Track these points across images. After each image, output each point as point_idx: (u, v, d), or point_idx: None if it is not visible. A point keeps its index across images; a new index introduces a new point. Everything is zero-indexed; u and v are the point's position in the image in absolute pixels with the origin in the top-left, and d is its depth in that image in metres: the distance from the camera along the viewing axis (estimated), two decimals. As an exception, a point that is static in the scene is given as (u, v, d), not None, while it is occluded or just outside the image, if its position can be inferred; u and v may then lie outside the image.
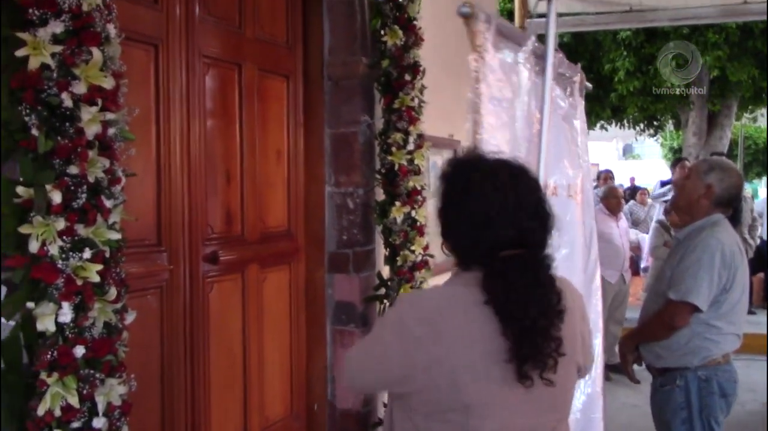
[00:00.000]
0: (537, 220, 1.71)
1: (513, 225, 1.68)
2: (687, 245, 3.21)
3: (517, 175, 1.75)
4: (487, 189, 1.70)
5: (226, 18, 3.67)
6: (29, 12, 1.98)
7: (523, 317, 1.62)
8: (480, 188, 1.71)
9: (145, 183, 3.11)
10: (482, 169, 1.77)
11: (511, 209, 1.68)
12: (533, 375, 1.63)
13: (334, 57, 4.23)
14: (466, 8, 2.96)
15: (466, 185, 1.75)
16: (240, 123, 3.75)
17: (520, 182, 1.73)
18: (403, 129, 4.12)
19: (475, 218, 1.70)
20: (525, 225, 1.68)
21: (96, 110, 2.08)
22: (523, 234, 1.68)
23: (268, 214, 3.98)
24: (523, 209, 1.69)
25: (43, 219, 1.99)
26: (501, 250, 1.68)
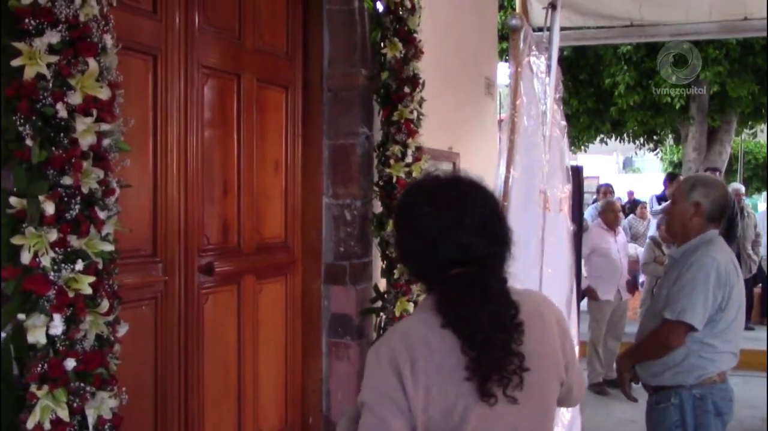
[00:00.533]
0: (484, 235, 1.67)
1: (455, 243, 1.65)
2: (683, 264, 3.20)
3: (462, 192, 1.72)
4: (426, 209, 1.69)
5: (226, 28, 3.67)
6: (26, 22, 1.97)
7: (476, 331, 1.60)
8: (420, 209, 1.70)
9: (142, 193, 3.09)
10: (425, 190, 1.75)
11: (452, 227, 1.66)
12: (497, 393, 1.61)
13: (333, 68, 4.22)
14: (516, 21, 2.99)
15: (409, 208, 1.75)
16: (238, 134, 3.74)
17: (463, 199, 1.69)
18: (402, 141, 4.12)
19: (418, 239, 1.69)
20: (468, 241, 1.65)
21: (91, 120, 2.07)
22: (468, 251, 1.65)
23: (264, 225, 3.96)
24: (465, 226, 1.66)
25: (36, 230, 1.98)
26: (450, 269, 1.66)
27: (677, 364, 3.16)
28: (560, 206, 3.38)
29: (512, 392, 1.61)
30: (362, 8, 4.17)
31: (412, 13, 4.20)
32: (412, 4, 4.19)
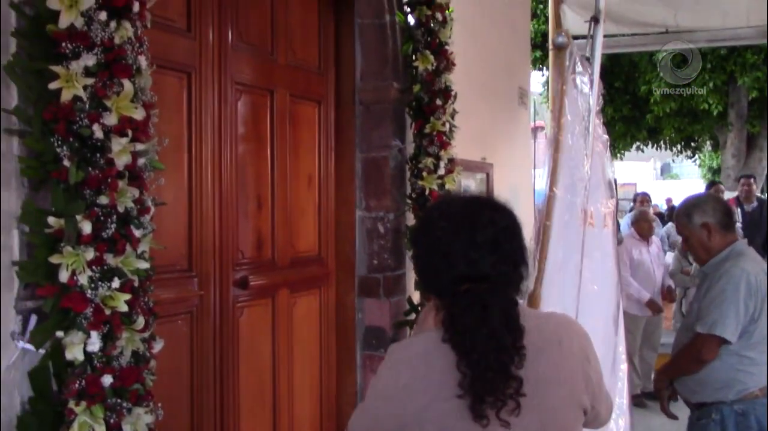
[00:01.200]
0: (494, 252, 1.68)
1: (465, 258, 1.67)
2: (712, 277, 3.16)
3: (478, 209, 1.74)
4: (441, 224, 1.72)
5: (259, 45, 3.71)
6: (62, 45, 2.02)
7: (471, 350, 1.59)
8: (436, 223, 1.73)
9: (177, 209, 3.14)
10: (443, 207, 1.80)
11: (463, 241, 1.67)
12: (489, 415, 1.59)
13: (365, 82, 4.25)
14: (563, 38, 3.00)
15: (426, 223, 1.79)
16: (271, 148, 3.78)
17: (477, 216, 1.71)
18: (434, 154, 4.12)
19: (432, 253, 1.72)
20: (477, 257, 1.66)
21: (126, 140, 2.11)
22: (477, 266, 1.66)
23: (298, 238, 3.99)
24: (476, 241, 1.67)
25: (73, 249, 2.01)
26: (460, 284, 1.67)
27: (716, 379, 3.11)
28: (605, 221, 3.34)
29: (507, 416, 1.59)
30: (394, 22, 4.19)
31: (444, 26, 4.20)
32: (444, 17, 4.20)
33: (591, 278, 3.14)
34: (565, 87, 3.05)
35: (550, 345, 1.69)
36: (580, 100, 3.25)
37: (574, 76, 3.17)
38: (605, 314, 3.29)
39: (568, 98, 3.09)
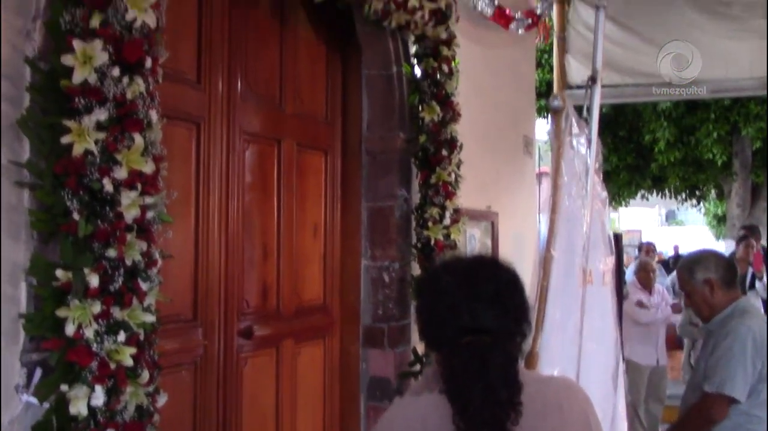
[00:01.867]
0: (496, 306, 1.70)
1: (467, 310, 1.69)
2: (718, 335, 3.14)
3: (481, 266, 1.80)
4: (445, 279, 1.76)
5: (267, 95, 3.76)
6: (76, 100, 2.05)
7: (467, 403, 1.60)
8: (439, 278, 1.78)
9: (183, 259, 3.14)
10: (446, 264, 1.87)
11: (466, 295, 1.70)
12: None
13: (372, 132, 4.28)
14: (558, 102, 3.04)
15: (430, 279, 1.87)
16: (278, 198, 3.80)
17: (480, 271, 1.76)
18: (440, 204, 4.13)
19: (435, 307, 1.75)
20: (479, 309, 1.69)
21: (136, 194, 2.13)
22: (479, 319, 1.68)
23: (303, 288, 3.98)
24: (478, 294, 1.70)
25: (80, 302, 2.02)
26: (461, 337, 1.68)
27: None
28: (603, 279, 3.35)
29: None
30: (400, 73, 4.23)
31: (450, 78, 4.25)
32: (450, 69, 4.25)
33: (589, 336, 3.13)
34: (561, 149, 3.08)
35: (551, 409, 1.69)
36: (577, 161, 3.28)
37: (570, 138, 3.21)
38: (604, 371, 3.28)
39: (565, 160, 3.12)
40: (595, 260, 3.26)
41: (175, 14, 3.01)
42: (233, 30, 3.47)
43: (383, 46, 4.16)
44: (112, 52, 2.09)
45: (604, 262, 3.39)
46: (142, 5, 2.15)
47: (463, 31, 4.64)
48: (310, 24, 4.08)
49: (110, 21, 2.09)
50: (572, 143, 3.23)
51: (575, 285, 3.12)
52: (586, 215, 3.20)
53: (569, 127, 3.17)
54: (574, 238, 3.18)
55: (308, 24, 4.06)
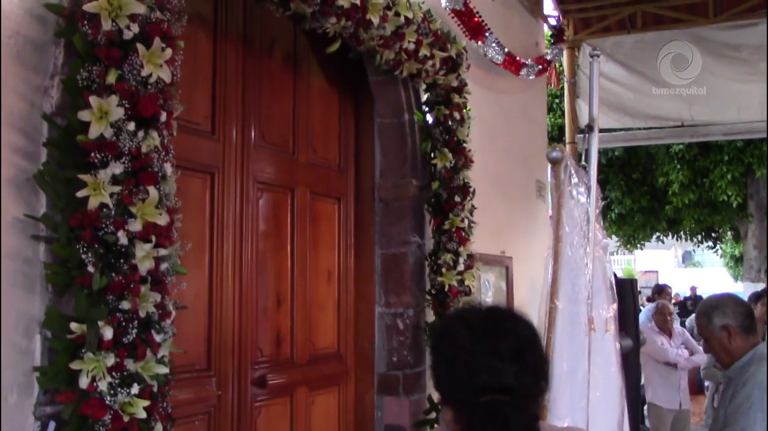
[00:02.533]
0: (517, 363, 1.65)
1: (487, 368, 1.63)
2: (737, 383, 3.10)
3: (499, 319, 1.73)
4: (462, 334, 1.69)
5: (281, 144, 3.80)
6: (92, 155, 2.08)
7: None
8: (457, 333, 1.71)
9: (197, 308, 3.15)
10: (463, 316, 1.79)
11: (486, 352, 1.64)
12: None
13: (385, 179, 4.31)
14: (557, 153, 3.05)
15: (446, 333, 1.76)
16: (292, 245, 3.81)
17: (499, 326, 1.70)
18: (453, 250, 4.13)
19: (452, 363, 1.69)
20: (500, 368, 1.63)
21: (150, 246, 2.14)
22: (500, 377, 1.63)
23: (317, 335, 3.97)
24: (499, 351, 1.64)
25: (94, 355, 2.02)
26: (481, 395, 1.63)
27: None
28: (606, 326, 3.32)
29: None
30: (412, 120, 4.28)
31: (462, 124, 4.29)
32: (462, 116, 4.29)
33: (594, 385, 3.09)
34: (561, 200, 3.09)
35: None
36: (577, 210, 3.28)
37: (570, 188, 3.21)
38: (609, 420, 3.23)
39: (565, 210, 3.12)
40: (597, 307, 3.23)
41: (190, 67, 3.07)
42: (247, 80, 3.53)
43: (395, 94, 4.21)
44: (127, 107, 2.12)
45: (607, 309, 3.36)
46: (157, 61, 2.20)
47: (474, 77, 4.70)
48: (323, 74, 4.14)
49: (126, 77, 2.13)
50: (572, 193, 3.24)
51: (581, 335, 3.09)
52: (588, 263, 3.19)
53: (568, 177, 3.18)
54: (578, 287, 3.16)
55: (321, 74, 4.12)
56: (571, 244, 3.14)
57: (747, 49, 7.36)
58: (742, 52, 7.43)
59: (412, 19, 3.78)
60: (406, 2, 3.72)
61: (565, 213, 3.11)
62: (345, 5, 3.26)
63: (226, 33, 3.42)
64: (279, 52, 3.82)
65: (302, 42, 3.96)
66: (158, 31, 2.21)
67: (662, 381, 6.70)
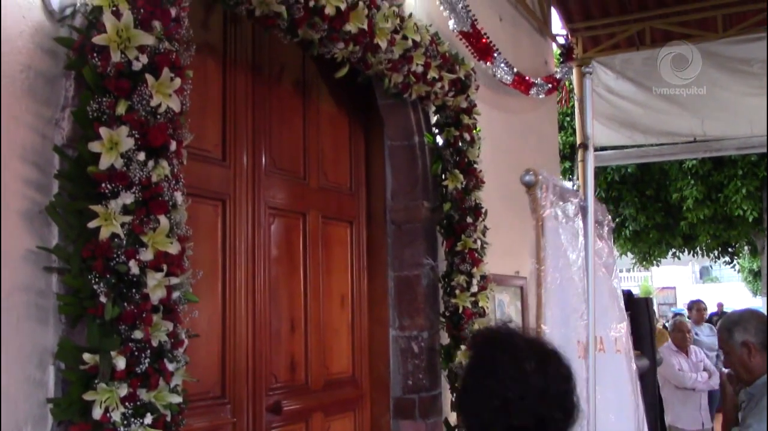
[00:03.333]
0: (562, 411, 1.57)
1: (533, 414, 1.55)
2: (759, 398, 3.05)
3: (547, 360, 1.63)
4: (511, 372, 1.58)
5: (292, 169, 3.81)
6: (102, 186, 2.09)
7: None
8: (504, 369, 1.59)
9: (210, 335, 3.15)
10: (510, 349, 1.63)
11: (534, 396, 1.55)
12: None
13: (396, 201, 4.31)
14: (530, 177, 3.02)
15: (490, 364, 1.63)
16: (304, 270, 3.81)
17: (549, 368, 1.60)
18: (467, 271, 4.12)
19: (493, 400, 1.57)
20: (546, 415, 1.55)
21: (161, 275, 2.15)
22: (545, 424, 1.55)
23: (332, 360, 3.96)
24: (548, 397, 1.56)
25: (107, 386, 2.02)
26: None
27: None
28: (616, 346, 3.26)
29: None
30: (423, 142, 4.28)
31: (472, 145, 4.29)
32: (472, 137, 4.29)
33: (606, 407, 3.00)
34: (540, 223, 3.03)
35: None
36: (563, 230, 3.19)
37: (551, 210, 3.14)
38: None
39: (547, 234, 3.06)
40: (605, 327, 3.16)
41: (200, 95, 3.10)
42: (257, 107, 3.55)
43: (404, 117, 4.22)
44: (137, 137, 2.14)
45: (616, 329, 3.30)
46: (167, 91, 2.21)
47: (483, 98, 4.71)
48: (332, 98, 4.16)
49: (136, 107, 2.15)
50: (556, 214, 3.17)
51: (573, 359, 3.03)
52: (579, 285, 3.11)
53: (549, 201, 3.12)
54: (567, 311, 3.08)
55: (330, 98, 4.15)
56: (556, 267, 3.07)
57: (758, 63, 7.34)
58: (753, 66, 7.41)
59: (420, 41, 3.80)
60: (413, 25, 3.74)
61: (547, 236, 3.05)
62: (353, 30, 3.28)
63: (235, 61, 3.45)
64: (288, 79, 3.85)
65: (311, 68, 3.98)
66: (167, 62, 2.23)
67: (682, 403, 6.60)
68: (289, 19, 3.00)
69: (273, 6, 2.91)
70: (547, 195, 3.05)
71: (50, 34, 2.23)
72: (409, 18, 3.74)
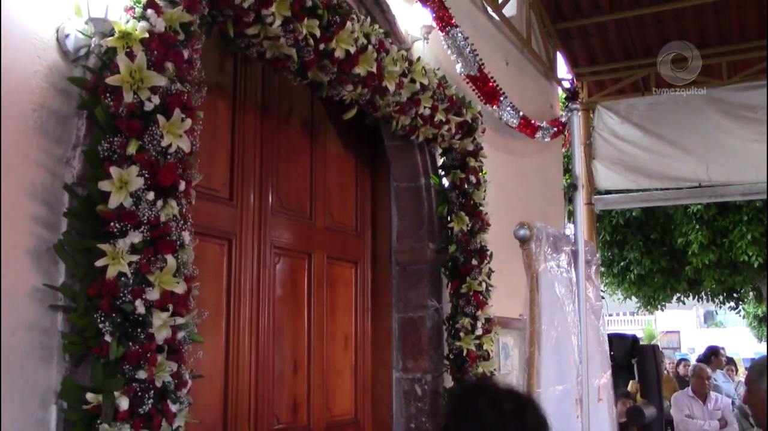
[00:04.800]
0: None
1: None
2: None
3: (525, 405, 1.70)
4: (491, 414, 1.65)
5: (298, 210, 3.82)
6: (111, 224, 2.10)
7: None
8: (484, 412, 1.66)
9: (213, 375, 3.12)
10: (490, 394, 1.72)
11: None
12: None
13: (401, 243, 4.31)
14: (524, 231, 2.95)
15: (471, 407, 1.70)
16: (309, 310, 3.80)
17: (527, 414, 1.67)
18: (471, 314, 4.10)
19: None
20: None
21: (167, 315, 2.14)
22: None
23: (334, 402, 3.92)
24: None
25: (110, 427, 2.00)
26: None
27: None
28: (599, 395, 3.18)
29: None
30: (429, 184, 4.30)
31: (478, 188, 4.30)
32: (478, 179, 4.30)
33: None
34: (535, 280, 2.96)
35: None
36: (558, 284, 3.14)
37: (545, 264, 3.08)
38: None
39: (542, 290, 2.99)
40: (591, 376, 3.10)
41: (210, 135, 3.12)
42: (265, 147, 3.58)
43: (411, 159, 4.25)
44: (147, 176, 2.15)
45: (600, 377, 3.23)
46: (177, 131, 2.24)
47: (490, 141, 4.73)
48: (340, 139, 4.19)
49: (146, 147, 2.17)
50: (550, 270, 3.11)
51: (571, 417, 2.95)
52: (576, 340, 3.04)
53: (543, 254, 3.06)
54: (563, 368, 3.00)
55: (338, 139, 4.17)
56: (552, 323, 3.01)
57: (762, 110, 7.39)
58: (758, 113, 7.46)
59: (428, 85, 3.84)
60: (421, 69, 3.78)
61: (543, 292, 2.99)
62: (362, 73, 3.31)
63: (244, 102, 3.48)
64: (297, 119, 3.88)
65: (319, 109, 4.02)
66: (178, 103, 2.26)
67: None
68: (300, 62, 3.04)
69: (284, 49, 2.95)
70: (541, 249, 3.00)
71: (64, 74, 2.26)
72: (417, 62, 3.78)
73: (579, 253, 3.21)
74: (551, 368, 2.92)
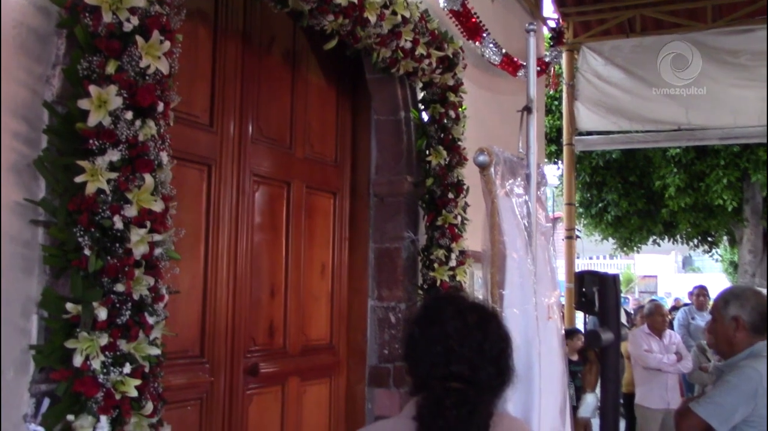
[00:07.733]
0: (495, 367, 1.76)
1: (468, 362, 1.72)
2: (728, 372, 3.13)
3: (489, 319, 1.82)
4: (454, 323, 1.77)
5: (278, 139, 3.87)
6: (90, 142, 2.15)
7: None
8: (447, 317, 1.78)
9: (192, 297, 3.22)
10: (456, 305, 1.84)
11: (472, 347, 1.74)
12: None
13: (380, 175, 4.38)
14: (483, 157, 2.99)
15: (437, 315, 1.81)
16: (287, 238, 3.89)
17: (489, 326, 1.79)
18: (446, 246, 4.20)
19: (435, 346, 1.75)
20: (480, 366, 1.73)
21: (144, 231, 2.22)
22: (478, 374, 1.73)
23: (310, 327, 4.05)
24: (485, 351, 1.75)
25: (88, 335, 2.09)
26: (449, 381, 1.72)
27: None
28: (549, 313, 3.31)
29: None
30: (408, 118, 4.34)
31: (457, 123, 4.35)
32: (457, 115, 4.35)
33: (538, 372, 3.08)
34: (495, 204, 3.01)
35: None
36: (517, 207, 3.21)
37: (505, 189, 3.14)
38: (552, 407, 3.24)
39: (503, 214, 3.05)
40: (540, 294, 3.21)
41: (190, 60, 3.15)
42: (246, 75, 3.61)
43: (391, 92, 4.28)
44: (126, 96, 2.20)
45: (548, 296, 3.35)
46: (156, 53, 2.27)
47: (471, 77, 4.77)
48: (321, 71, 4.22)
49: (125, 68, 2.21)
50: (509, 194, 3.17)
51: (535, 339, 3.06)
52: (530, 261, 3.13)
53: (502, 179, 3.11)
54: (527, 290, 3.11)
55: (319, 71, 4.20)
56: (515, 248, 3.08)
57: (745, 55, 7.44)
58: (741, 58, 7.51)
59: (409, 18, 3.85)
60: (403, 1, 3.79)
61: (504, 217, 3.05)
62: (342, 3, 3.33)
63: (226, 29, 3.50)
64: (278, 49, 3.90)
65: (301, 39, 4.03)
66: (157, 24, 2.28)
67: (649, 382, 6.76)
68: (280, -11, 3.05)
69: (264, -25, 2.96)
70: (499, 173, 3.06)
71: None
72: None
73: (531, 175, 3.30)
74: (515, 290, 3.02)
